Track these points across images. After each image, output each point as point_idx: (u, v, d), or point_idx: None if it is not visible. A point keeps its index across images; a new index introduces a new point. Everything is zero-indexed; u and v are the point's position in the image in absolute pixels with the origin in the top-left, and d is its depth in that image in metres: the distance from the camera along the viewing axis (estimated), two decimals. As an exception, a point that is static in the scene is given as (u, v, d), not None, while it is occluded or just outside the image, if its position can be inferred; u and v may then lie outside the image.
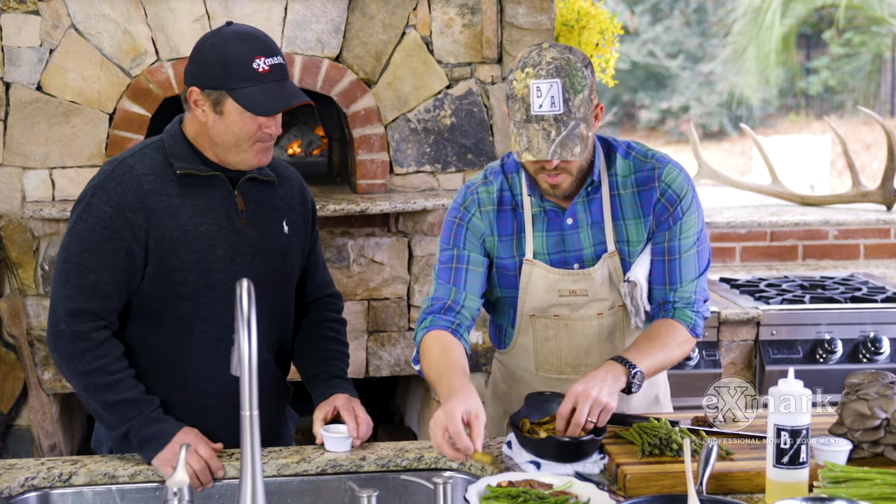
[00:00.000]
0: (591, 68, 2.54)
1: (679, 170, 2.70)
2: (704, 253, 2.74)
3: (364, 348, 4.30)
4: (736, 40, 15.11)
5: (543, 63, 2.49)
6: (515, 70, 2.52)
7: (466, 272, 2.72)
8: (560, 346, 2.77)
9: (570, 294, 2.71)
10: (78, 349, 2.55)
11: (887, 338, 4.15)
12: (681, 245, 2.69)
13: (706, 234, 2.75)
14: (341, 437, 2.62)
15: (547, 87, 2.47)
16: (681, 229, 2.68)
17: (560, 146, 2.47)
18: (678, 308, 2.70)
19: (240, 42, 2.56)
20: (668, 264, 2.70)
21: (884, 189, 5.17)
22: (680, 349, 2.67)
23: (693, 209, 2.69)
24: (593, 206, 2.69)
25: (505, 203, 2.72)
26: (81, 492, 2.54)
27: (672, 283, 2.70)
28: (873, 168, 13.61)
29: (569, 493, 2.31)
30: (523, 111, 2.49)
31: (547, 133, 2.47)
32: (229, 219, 2.65)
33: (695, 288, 2.71)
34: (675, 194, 2.67)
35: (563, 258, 2.70)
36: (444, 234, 2.76)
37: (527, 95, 2.48)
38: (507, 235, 2.73)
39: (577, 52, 2.54)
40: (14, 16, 4.04)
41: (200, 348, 2.65)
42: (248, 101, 2.54)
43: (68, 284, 2.56)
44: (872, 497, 2.21)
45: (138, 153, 2.65)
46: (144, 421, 2.55)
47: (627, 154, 2.71)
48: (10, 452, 4.20)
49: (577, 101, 2.48)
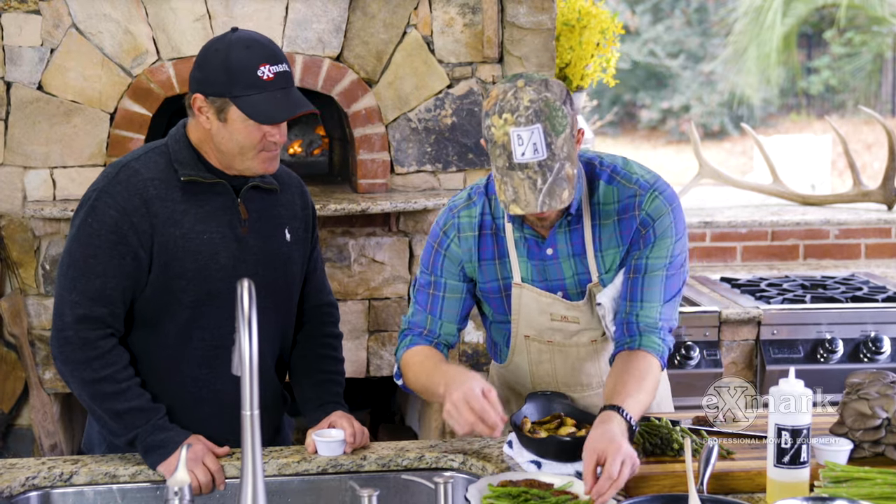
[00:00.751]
0: (569, 101, 2.43)
1: (661, 193, 2.59)
2: (675, 280, 2.60)
3: (365, 348, 4.30)
4: (737, 40, 15.10)
5: (521, 108, 2.36)
6: (492, 115, 2.39)
7: (443, 300, 2.69)
8: (555, 367, 2.75)
9: (563, 320, 2.66)
10: (85, 357, 2.53)
11: (888, 337, 4.15)
12: (647, 264, 2.57)
13: (682, 263, 2.62)
14: (334, 442, 2.61)
15: (528, 135, 2.36)
16: (651, 249, 2.57)
17: (548, 195, 2.37)
18: (643, 333, 2.56)
19: (245, 49, 2.53)
20: (631, 281, 2.59)
21: (885, 189, 5.17)
22: (655, 389, 2.55)
23: (669, 234, 2.57)
24: (574, 237, 2.61)
25: (486, 227, 2.65)
26: (82, 491, 2.54)
27: (633, 299, 2.58)
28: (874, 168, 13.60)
29: (569, 492, 2.32)
30: (505, 158, 2.38)
31: (533, 182, 2.37)
32: (231, 227, 2.63)
33: (659, 314, 2.57)
34: (649, 218, 2.57)
35: (547, 286, 2.65)
36: (424, 256, 2.72)
37: (507, 143, 2.36)
38: (489, 260, 2.66)
39: (553, 86, 2.42)
40: (15, 15, 4.04)
41: (199, 356, 2.64)
42: (252, 109, 2.51)
43: (75, 290, 2.54)
44: (873, 497, 2.21)
45: (143, 157, 2.62)
46: (151, 429, 2.54)
47: (612, 180, 2.60)
48: (11, 452, 4.20)
49: (559, 142, 2.37)
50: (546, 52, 4.27)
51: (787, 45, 14.90)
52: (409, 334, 2.71)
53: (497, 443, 2.68)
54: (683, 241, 2.61)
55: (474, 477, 2.53)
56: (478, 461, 2.57)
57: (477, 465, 2.57)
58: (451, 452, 2.62)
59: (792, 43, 15.07)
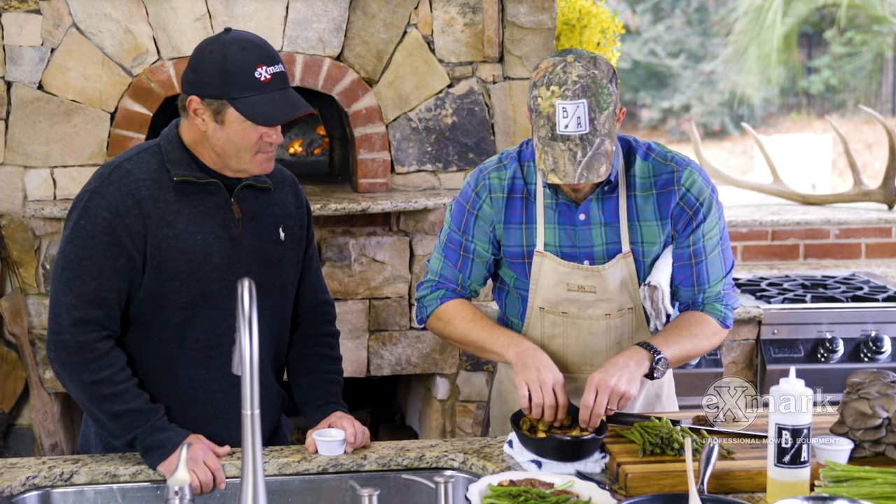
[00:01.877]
0: (615, 80, 2.53)
1: (699, 172, 2.70)
2: (729, 250, 2.78)
3: (365, 347, 4.30)
4: (737, 39, 15.10)
5: (570, 82, 2.46)
6: (540, 86, 2.49)
7: (472, 263, 2.79)
8: (566, 343, 2.77)
9: (579, 290, 2.71)
10: (82, 359, 2.53)
11: (888, 337, 4.15)
12: (706, 247, 2.71)
13: (727, 231, 2.77)
14: (335, 441, 2.61)
15: (573, 108, 2.45)
16: (703, 232, 2.70)
17: (586, 168, 2.47)
18: (707, 303, 2.74)
19: (241, 50, 2.51)
20: (695, 267, 2.72)
21: (885, 188, 5.16)
22: (708, 341, 2.71)
23: (714, 211, 2.70)
24: (608, 206, 2.68)
25: (516, 191, 2.72)
26: (82, 491, 2.54)
27: (700, 284, 2.73)
28: (875, 167, 13.60)
29: (570, 492, 2.32)
30: (548, 129, 2.47)
31: (573, 154, 2.46)
32: (225, 227, 2.62)
33: (723, 286, 2.75)
34: (694, 198, 2.67)
35: (573, 253, 2.70)
36: (456, 215, 2.78)
37: (552, 115, 2.46)
38: (517, 224, 2.73)
39: (601, 63, 2.52)
40: (15, 15, 4.04)
41: (193, 357, 2.63)
42: (250, 110, 2.50)
43: (70, 293, 2.52)
44: (874, 496, 2.21)
45: (135, 157, 2.61)
46: (150, 429, 2.54)
47: (647, 156, 2.70)
48: (12, 451, 4.20)
49: (602, 119, 2.47)
50: (546, 51, 4.27)
51: (788, 45, 14.91)
52: (442, 287, 2.81)
53: (497, 442, 2.68)
54: (723, 211, 2.77)
55: (475, 476, 2.53)
56: (478, 461, 2.57)
57: (477, 465, 2.57)
58: (452, 452, 2.62)
59: (792, 42, 15.08)
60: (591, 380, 2.51)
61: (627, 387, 2.49)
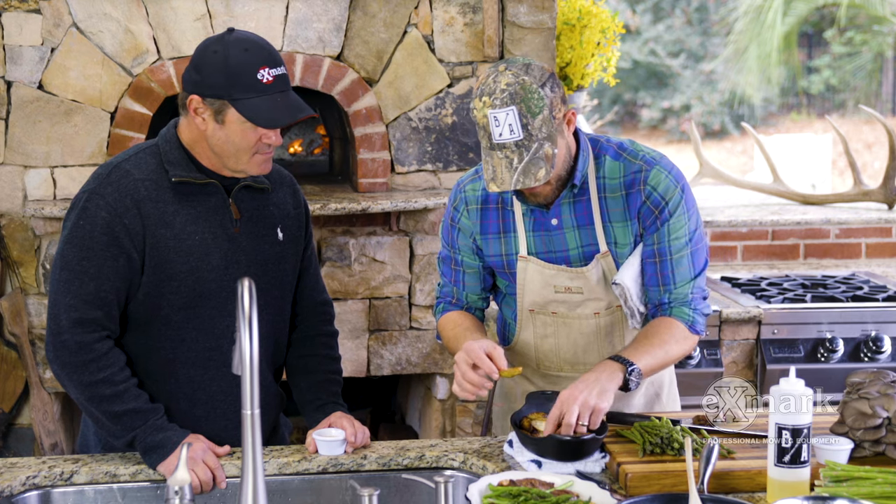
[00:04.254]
0: (550, 83, 2.52)
1: (668, 171, 2.66)
2: (700, 253, 2.72)
3: (365, 347, 4.30)
4: (737, 39, 15.10)
5: (498, 91, 2.49)
6: (475, 98, 2.53)
7: (464, 275, 2.84)
8: (559, 343, 2.77)
9: (566, 291, 2.72)
10: (81, 360, 2.52)
11: (888, 337, 4.15)
12: (671, 247, 2.67)
13: (702, 234, 2.73)
14: (335, 441, 2.61)
15: (503, 116, 2.48)
16: (669, 231, 2.66)
17: (522, 174, 2.49)
18: (674, 307, 2.69)
19: (244, 51, 2.51)
20: (659, 266, 2.68)
21: (885, 188, 5.16)
22: (679, 346, 2.66)
23: (682, 211, 2.66)
24: (579, 208, 2.67)
25: (491, 201, 2.75)
26: (83, 490, 2.54)
27: (665, 284, 2.69)
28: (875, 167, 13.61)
29: (570, 491, 2.32)
30: (486, 139, 2.51)
31: (510, 161, 2.49)
32: (223, 227, 2.62)
33: (691, 288, 2.69)
34: (660, 197, 2.65)
35: (551, 258, 2.71)
36: (444, 232, 2.85)
37: (486, 125, 2.50)
38: (494, 234, 2.74)
39: (534, 69, 2.52)
40: (16, 14, 4.04)
41: (193, 358, 2.63)
42: (252, 112, 2.50)
43: (69, 293, 2.52)
44: (874, 496, 2.21)
45: (133, 158, 2.60)
46: (150, 429, 2.54)
47: (618, 156, 2.69)
48: (12, 451, 4.20)
49: (536, 123, 2.48)
50: (546, 51, 4.27)
51: (788, 45, 14.90)
52: (442, 302, 2.90)
53: (497, 442, 2.69)
54: (697, 215, 2.72)
55: (475, 476, 2.53)
56: (478, 460, 2.57)
57: (477, 465, 2.57)
58: (452, 452, 2.62)
59: (792, 42, 15.07)
60: (560, 396, 2.49)
61: (597, 400, 2.45)
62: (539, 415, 2.60)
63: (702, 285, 2.72)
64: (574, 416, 2.43)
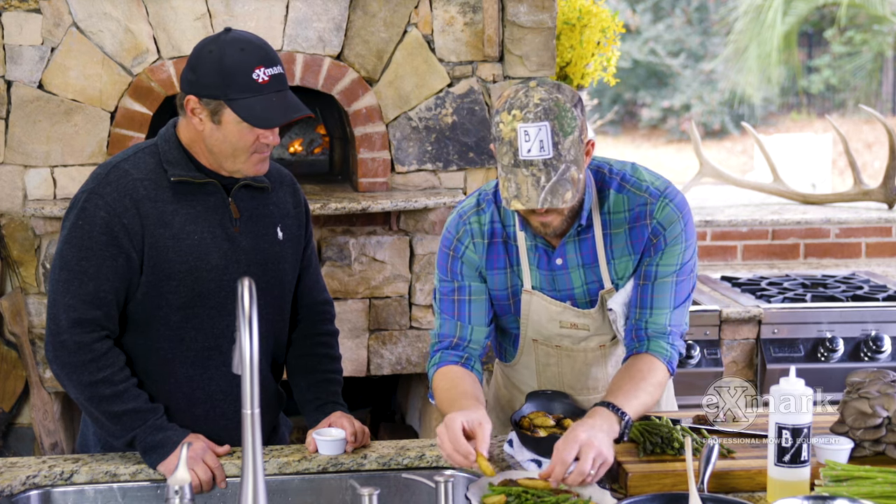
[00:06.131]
0: (580, 106, 2.43)
1: (672, 201, 2.58)
2: (685, 285, 2.61)
3: (365, 347, 4.30)
4: (737, 39, 15.09)
5: (531, 105, 2.37)
6: (501, 111, 2.40)
7: (470, 304, 2.67)
8: (562, 371, 2.75)
9: (572, 327, 2.66)
10: (81, 360, 2.52)
11: (888, 336, 4.15)
12: (657, 271, 2.58)
13: (692, 268, 2.62)
14: (335, 441, 2.61)
15: (535, 131, 2.36)
16: (661, 256, 2.58)
17: (550, 193, 2.37)
18: (651, 338, 2.58)
19: (240, 51, 2.51)
20: (641, 288, 2.60)
21: (885, 187, 5.16)
22: (659, 391, 2.56)
23: (679, 241, 2.58)
24: (584, 247, 2.60)
25: (496, 235, 2.64)
26: (83, 490, 2.55)
27: (643, 307, 2.59)
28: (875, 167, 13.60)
29: (570, 491, 2.31)
30: (511, 155, 2.38)
31: (536, 179, 2.37)
32: (223, 227, 2.62)
33: (668, 319, 2.59)
34: (661, 227, 2.57)
35: (555, 296, 2.65)
36: (441, 265, 2.69)
37: (514, 139, 2.37)
38: (500, 269, 2.66)
39: (566, 90, 2.43)
40: (16, 14, 4.04)
41: (192, 357, 2.63)
42: (248, 112, 2.50)
43: (68, 293, 2.52)
44: (874, 495, 2.21)
45: (132, 157, 2.60)
46: (149, 429, 2.54)
47: (621, 188, 2.60)
48: (12, 451, 4.20)
49: (566, 144, 2.37)
50: (546, 51, 4.27)
51: (788, 44, 14.90)
52: (439, 349, 2.68)
53: (498, 442, 2.68)
54: (693, 248, 2.62)
55: (475, 476, 2.53)
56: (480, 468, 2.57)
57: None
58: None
59: (792, 42, 15.07)
60: (576, 438, 2.32)
61: (608, 453, 2.33)
62: (539, 414, 2.60)
63: (680, 320, 2.62)
64: (589, 466, 2.28)
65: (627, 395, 2.47)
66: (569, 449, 2.30)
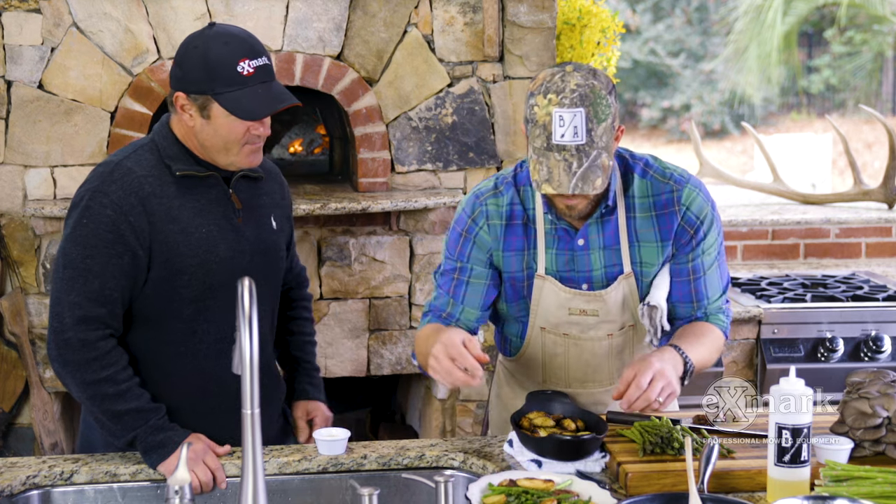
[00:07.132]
0: (614, 93, 2.48)
1: (698, 188, 2.65)
2: (724, 265, 2.73)
3: (365, 347, 4.30)
4: (737, 39, 15.10)
5: (567, 90, 2.40)
6: (537, 95, 2.43)
7: (467, 285, 2.69)
8: (568, 362, 2.75)
9: (581, 313, 2.67)
10: (84, 358, 2.52)
11: (889, 336, 4.15)
12: (704, 263, 2.67)
13: (724, 246, 2.74)
14: (335, 441, 2.61)
15: (570, 117, 2.38)
16: (703, 249, 2.66)
17: (581, 179, 2.39)
18: (711, 314, 2.72)
19: (223, 45, 2.53)
20: (693, 284, 2.68)
21: (885, 187, 5.16)
22: (717, 353, 2.69)
23: (714, 228, 2.66)
24: (607, 229, 2.63)
25: (515, 217, 2.65)
26: (83, 490, 2.55)
27: (699, 301, 2.69)
28: (875, 167, 13.61)
29: (570, 491, 2.32)
30: (544, 139, 2.40)
31: (568, 164, 2.39)
32: (227, 218, 2.64)
33: (722, 299, 2.73)
34: (695, 216, 2.63)
35: (572, 277, 2.65)
36: (451, 242, 2.71)
37: (548, 123, 2.40)
38: (518, 251, 2.66)
39: (601, 76, 2.46)
40: (16, 14, 4.04)
41: (205, 350, 2.64)
42: (234, 105, 2.52)
43: (73, 291, 2.52)
44: (874, 496, 2.21)
45: (133, 155, 2.61)
46: (150, 429, 2.54)
47: (645, 173, 2.64)
48: (12, 451, 4.20)
49: (599, 131, 2.41)
50: (546, 51, 4.27)
51: (788, 44, 14.90)
52: (428, 316, 2.72)
53: (498, 442, 2.68)
54: (721, 226, 2.73)
55: (475, 476, 2.53)
56: (478, 460, 2.57)
57: (477, 464, 2.57)
58: (452, 451, 2.62)
59: (792, 42, 15.08)
60: (650, 364, 2.43)
61: (677, 386, 2.45)
62: (539, 414, 2.60)
63: (727, 292, 2.76)
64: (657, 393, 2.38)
65: (692, 344, 2.58)
66: (645, 374, 2.41)
